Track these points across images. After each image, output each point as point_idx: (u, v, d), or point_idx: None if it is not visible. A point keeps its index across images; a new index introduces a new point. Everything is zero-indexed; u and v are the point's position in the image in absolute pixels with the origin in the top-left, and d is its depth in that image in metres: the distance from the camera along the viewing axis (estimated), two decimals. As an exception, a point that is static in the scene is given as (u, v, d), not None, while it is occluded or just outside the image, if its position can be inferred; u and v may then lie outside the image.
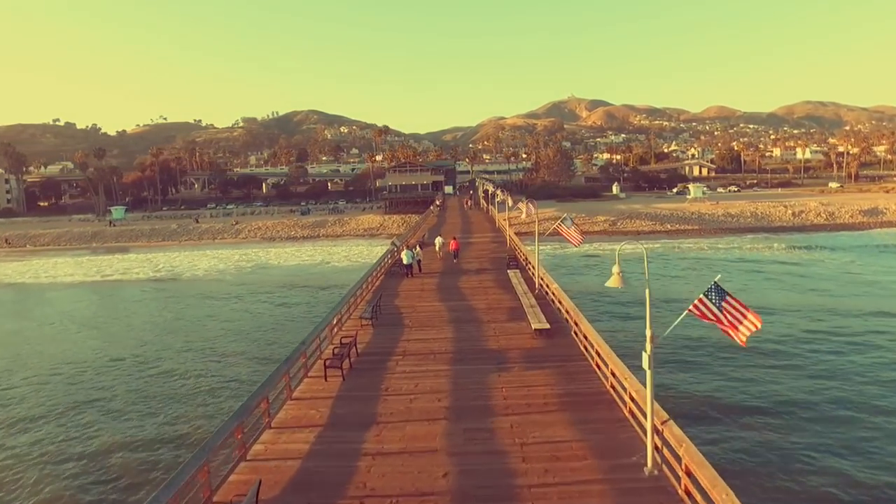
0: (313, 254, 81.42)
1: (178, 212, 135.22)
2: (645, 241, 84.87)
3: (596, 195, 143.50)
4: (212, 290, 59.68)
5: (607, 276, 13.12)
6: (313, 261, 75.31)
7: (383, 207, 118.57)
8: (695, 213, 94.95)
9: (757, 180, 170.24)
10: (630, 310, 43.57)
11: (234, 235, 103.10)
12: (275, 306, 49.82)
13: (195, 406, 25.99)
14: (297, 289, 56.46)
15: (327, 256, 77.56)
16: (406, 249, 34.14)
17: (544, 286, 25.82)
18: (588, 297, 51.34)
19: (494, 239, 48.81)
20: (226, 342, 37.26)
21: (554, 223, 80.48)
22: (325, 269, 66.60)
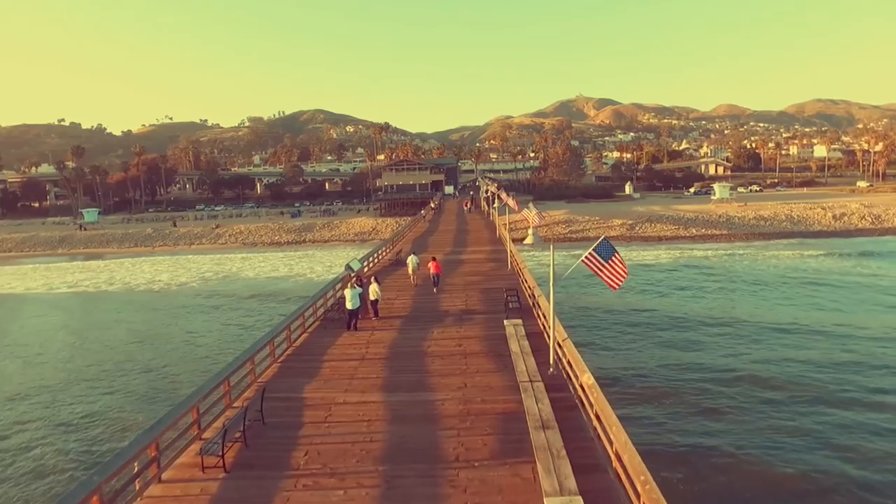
0: (292, 263, 70.71)
1: (163, 213, 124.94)
2: (667, 246, 73.68)
3: (608, 195, 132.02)
4: (159, 304, 50.39)
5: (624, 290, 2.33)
6: (289, 272, 64.62)
7: (379, 209, 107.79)
8: (722, 215, 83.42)
9: (778, 179, 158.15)
10: (668, 333, 33.18)
11: (213, 240, 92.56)
12: (221, 325, 39.61)
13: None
14: (256, 308, 45.82)
15: (306, 267, 66.82)
16: (351, 286, 21.40)
17: (565, 367, 14.68)
18: (605, 315, 40.83)
19: (493, 255, 37.59)
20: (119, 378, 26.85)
21: (566, 227, 67.73)
22: (299, 284, 55.76)
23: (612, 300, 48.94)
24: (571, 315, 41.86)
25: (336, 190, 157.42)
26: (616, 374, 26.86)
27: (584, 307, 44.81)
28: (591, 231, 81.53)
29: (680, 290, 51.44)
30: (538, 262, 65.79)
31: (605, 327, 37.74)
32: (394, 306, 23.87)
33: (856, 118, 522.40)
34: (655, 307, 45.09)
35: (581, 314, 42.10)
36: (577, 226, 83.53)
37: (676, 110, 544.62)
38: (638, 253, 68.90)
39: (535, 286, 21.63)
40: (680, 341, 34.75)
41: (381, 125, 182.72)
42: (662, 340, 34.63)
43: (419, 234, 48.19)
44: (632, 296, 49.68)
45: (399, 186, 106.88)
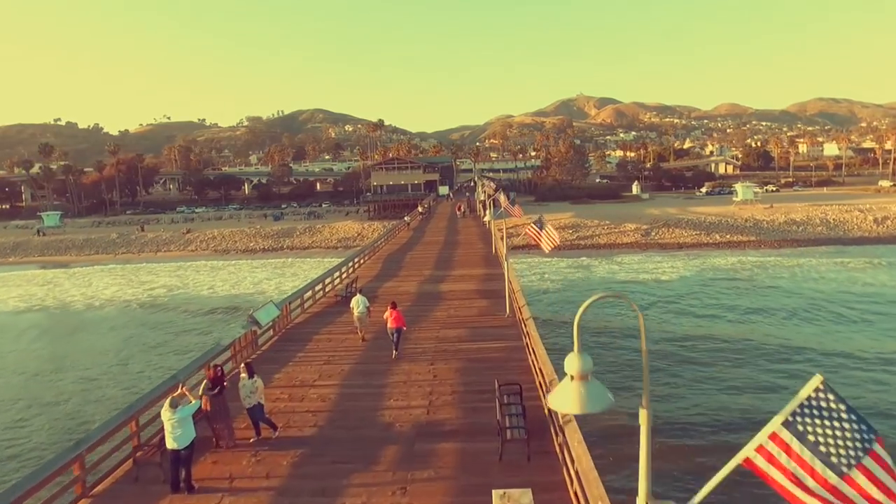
0: (262, 275, 60.70)
1: (138, 216, 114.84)
2: (688, 255, 63.57)
3: (615, 196, 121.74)
4: (85, 327, 39.94)
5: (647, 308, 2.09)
6: (254, 288, 54.61)
7: (369, 211, 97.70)
8: (748, 219, 73.19)
9: (794, 178, 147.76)
10: (711, 370, 22.54)
11: (182, 247, 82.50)
12: (128, 372, 29.53)
13: None
14: (184, 346, 35.73)
15: (275, 281, 56.78)
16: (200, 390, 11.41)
17: None
18: (626, 342, 32.01)
19: (486, 283, 27.20)
20: None
21: (574, 233, 58.03)
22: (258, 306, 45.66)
23: (633, 322, 39.24)
24: (586, 343, 32.26)
25: (327, 190, 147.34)
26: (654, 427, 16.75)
27: (599, 331, 35.40)
28: (602, 237, 71.38)
29: (715, 311, 41.89)
30: (541, 274, 55.80)
31: (628, 359, 28.50)
32: (303, 405, 13.70)
33: (858, 117, 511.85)
34: (690, 333, 35.67)
35: (600, 341, 32.83)
36: (585, 231, 73.36)
37: (678, 109, 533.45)
38: (656, 264, 58.87)
39: (552, 378, 11.43)
40: (731, 379, 26.12)
41: (375, 123, 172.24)
42: (704, 376, 26.45)
43: (396, 248, 37.87)
44: (657, 317, 40.03)
45: (390, 187, 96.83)
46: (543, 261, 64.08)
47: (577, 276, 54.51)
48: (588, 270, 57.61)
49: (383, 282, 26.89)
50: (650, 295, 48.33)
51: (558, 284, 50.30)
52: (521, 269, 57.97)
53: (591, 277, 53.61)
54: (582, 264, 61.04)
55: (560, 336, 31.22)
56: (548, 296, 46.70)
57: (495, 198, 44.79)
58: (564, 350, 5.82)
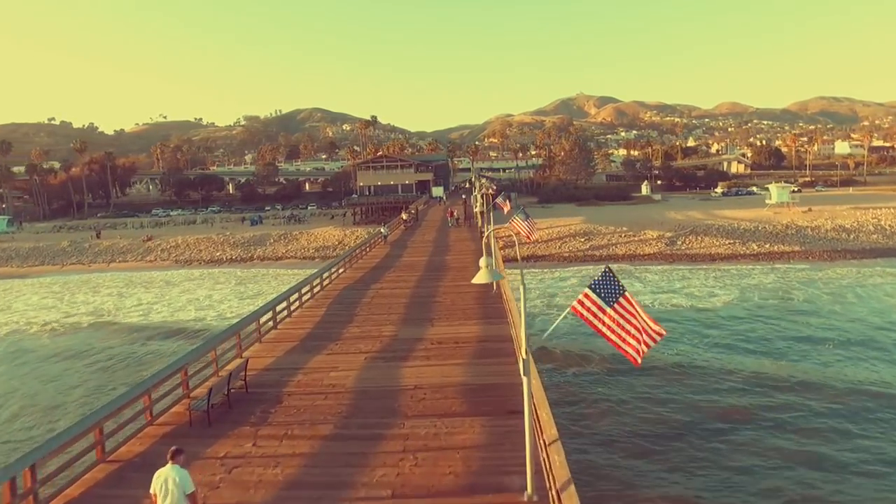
0: (217, 295, 49.82)
1: (107, 220, 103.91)
2: (722, 269, 52.63)
3: (625, 197, 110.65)
4: None
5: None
6: (197, 314, 43.77)
7: (355, 215, 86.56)
8: (789, 226, 62.12)
9: (813, 178, 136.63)
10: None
11: (140, 256, 71.56)
12: None
13: None
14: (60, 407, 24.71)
15: (231, 305, 45.87)
16: None
17: None
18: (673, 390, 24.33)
19: (482, 369, 14.99)
20: None
21: (586, 241, 46.60)
22: (192, 344, 34.72)
23: (667, 356, 29.11)
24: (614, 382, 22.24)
25: (316, 191, 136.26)
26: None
27: (621, 372, 25.25)
28: (620, 247, 60.36)
29: (779, 345, 31.30)
30: (549, 297, 44.81)
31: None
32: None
33: (859, 115, 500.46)
34: (754, 377, 26.14)
35: (627, 389, 22.77)
36: (599, 239, 62.33)
37: (678, 108, 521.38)
38: (686, 281, 48.09)
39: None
40: (815, 437, 19.29)
41: (367, 120, 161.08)
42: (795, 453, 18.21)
43: (358, 277, 26.31)
44: (701, 353, 30.27)
45: (378, 188, 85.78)
46: (549, 276, 53.18)
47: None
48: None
49: (304, 359, 15.91)
50: (687, 320, 37.78)
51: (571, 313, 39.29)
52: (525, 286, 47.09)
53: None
54: (581, 273, 50.18)
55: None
56: (559, 329, 35.87)
57: (495, 203, 33.80)
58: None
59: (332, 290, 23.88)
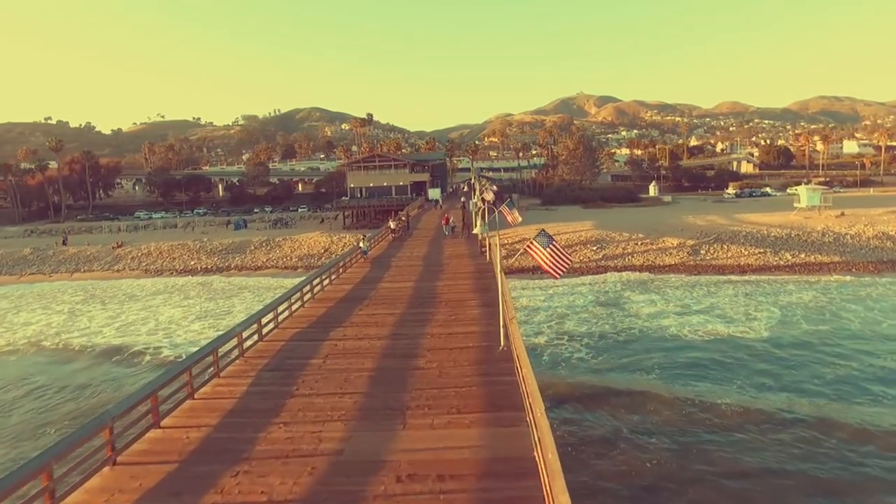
0: (178, 314, 42.84)
1: (89, 223, 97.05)
2: (752, 282, 45.77)
3: (633, 198, 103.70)
4: None
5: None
6: (150, 339, 36.80)
7: (349, 217, 79.55)
8: (825, 232, 55.09)
9: (828, 178, 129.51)
10: None
11: (108, 265, 64.72)
12: None
13: None
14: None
15: (191, 329, 39.01)
16: None
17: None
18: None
19: (493, 484, 8.60)
20: None
21: (599, 250, 40.00)
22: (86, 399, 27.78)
23: (718, 400, 22.84)
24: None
25: (308, 192, 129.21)
26: None
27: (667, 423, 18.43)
28: (636, 256, 53.38)
29: (849, 385, 25.47)
30: (559, 319, 37.86)
31: None
32: None
33: (861, 115, 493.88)
34: (818, 423, 21.33)
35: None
36: (613, 248, 55.34)
37: (679, 107, 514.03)
38: (715, 298, 41.42)
39: None
40: None
41: (363, 118, 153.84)
42: None
43: (308, 324, 18.85)
44: (753, 396, 25.00)
45: (370, 189, 78.79)
46: (557, 290, 46.28)
47: (608, 322, 36.71)
48: (621, 309, 39.86)
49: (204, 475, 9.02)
50: (730, 352, 31.21)
51: (584, 340, 32.48)
52: (529, 307, 40.15)
53: (629, 325, 35.82)
54: (611, 298, 43.19)
55: None
56: (573, 364, 29.06)
57: (500, 210, 26.81)
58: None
59: (273, 343, 16.86)
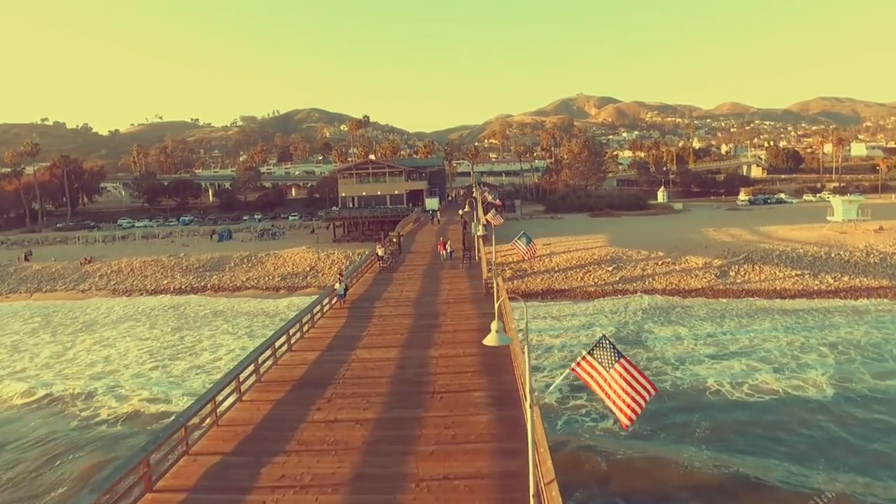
0: (132, 356, 36.57)
1: (64, 233, 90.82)
2: (795, 312, 39.63)
3: (642, 206, 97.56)
4: None
5: None
6: (86, 385, 30.58)
7: (342, 228, 73.18)
8: (868, 251, 48.82)
9: (843, 183, 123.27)
10: None
11: (73, 284, 58.55)
12: None
13: None
14: None
15: (142, 373, 32.78)
16: None
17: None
18: None
19: None
20: None
21: (615, 271, 34.00)
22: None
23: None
24: None
25: (301, 197, 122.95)
26: None
27: None
28: (658, 278, 47.12)
29: None
30: (569, 351, 32.11)
31: None
32: None
33: (861, 116, 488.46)
34: None
35: None
36: (630, 268, 49.06)
37: (679, 108, 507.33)
38: (753, 333, 35.48)
39: None
40: None
41: (359, 120, 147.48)
42: None
43: (279, 400, 13.65)
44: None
45: (363, 199, 72.47)
46: (572, 321, 40.16)
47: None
48: (645, 347, 33.78)
49: None
50: (781, 407, 25.42)
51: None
52: (541, 345, 33.88)
53: (658, 372, 29.76)
54: (632, 331, 37.04)
55: None
56: (596, 434, 22.95)
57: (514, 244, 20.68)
58: None
59: (183, 477, 10.64)
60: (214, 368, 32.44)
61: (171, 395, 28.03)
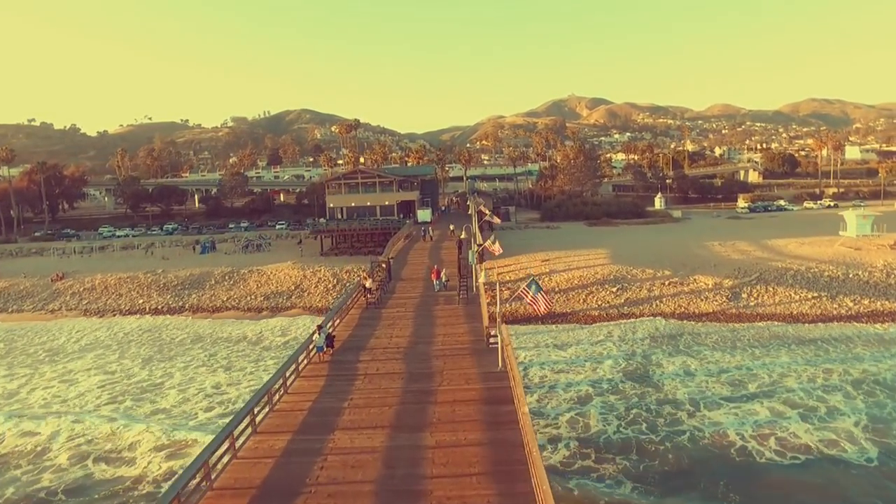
0: (86, 393, 33.00)
1: (40, 244, 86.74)
2: (815, 342, 36.58)
3: (640, 213, 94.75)
4: None
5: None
6: (24, 435, 27.06)
7: (332, 240, 69.66)
8: (890, 270, 45.83)
9: (841, 188, 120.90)
10: None
11: (42, 304, 54.74)
12: None
13: None
14: None
15: (95, 416, 29.21)
16: None
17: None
18: None
19: None
20: None
21: (620, 292, 30.00)
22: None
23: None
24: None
25: (290, 203, 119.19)
26: None
27: None
28: (666, 301, 43.99)
29: None
30: (575, 389, 28.40)
31: None
32: None
33: (851, 117, 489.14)
34: None
35: None
36: (636, 289, 45.86)
37: (671, 110, 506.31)
38: (767, 366, 32.60)
39: None
40: None
41: (350, 123, 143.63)
42: None
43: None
44: None
45: (352, 210, 68.89)
46: (577, 349, 36.96)
47: (642, 410, 27.64)
48: (654, 385, 30.70)
49: None
50: (817, 470, 22.62)
51: (620, 460, 23.01)
52: (542, 382, 30.61)
53: (671, 419, 26.78)
54: (640, 364, 33.90)
55: None
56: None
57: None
58: None
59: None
60: (180, 414, 28.99)
61: (125, 457, 24.57)
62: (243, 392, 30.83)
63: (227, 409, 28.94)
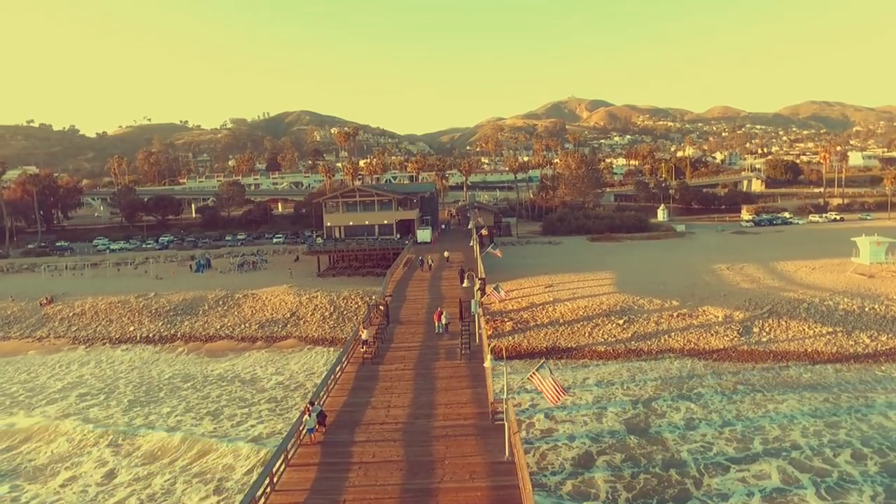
0: (56, 449, 31.08)
1: (32, 259, 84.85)
2: (829, 386, 34.69)
3: (643, 227, 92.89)
4: None
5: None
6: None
7: (330, 258, 67.79)
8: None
9: (845, 198, 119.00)
10: None
11: (29, 331, 52.90)
12: None
13: None
14: None
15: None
16: None
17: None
18: None
19: None
20: None
21: (626, 325, 27.52)
22: None
23: None
24: None
25: (288, 213, 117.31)
26: None
27: None
28: (674, 335, 42.19)
29: None
30: (570, 469, 26.04)
31: None
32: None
33: (851, 120, 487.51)
34: None
35: None
36: (643, 321, 44.04)
37: (671, 112, 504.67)
38: (777, 418, 30.92)
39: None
40: None
41: (348, 131, 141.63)
42: None
43: None
44: None
45: (349, 229, 66.92)
46: (581, 396, 35.10)
47: (650, 474, 25.83)
48: (658, 442, 28.84)
49: None
50: None
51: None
52: (543, 432, 28.65)
53: (675, 481, 24.98)
54: (644, 413, 31.98)
55: None
56: None
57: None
58: None
59: None
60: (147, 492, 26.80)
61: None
62: (224, 452, 28.62)
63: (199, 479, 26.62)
